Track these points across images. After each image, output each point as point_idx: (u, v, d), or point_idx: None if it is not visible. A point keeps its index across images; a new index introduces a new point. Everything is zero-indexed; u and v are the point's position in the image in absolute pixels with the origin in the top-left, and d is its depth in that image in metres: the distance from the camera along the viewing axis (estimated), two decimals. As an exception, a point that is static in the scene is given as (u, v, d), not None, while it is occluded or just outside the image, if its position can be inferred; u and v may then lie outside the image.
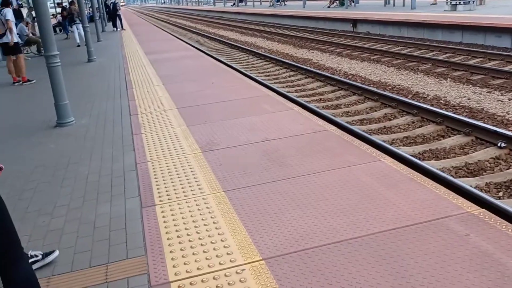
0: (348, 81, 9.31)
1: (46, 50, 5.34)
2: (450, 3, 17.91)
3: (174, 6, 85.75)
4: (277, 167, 3.59)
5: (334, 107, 8.10)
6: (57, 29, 22.08)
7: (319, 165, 3.56)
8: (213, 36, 22.72)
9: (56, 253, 2.57)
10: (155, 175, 3.67)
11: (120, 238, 2.76)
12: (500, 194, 4.41)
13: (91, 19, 20.63)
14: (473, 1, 17.74)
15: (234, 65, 12.58)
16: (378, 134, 6.40)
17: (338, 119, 6.78)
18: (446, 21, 14.41)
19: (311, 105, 7.73)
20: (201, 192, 3.27)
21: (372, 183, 3.15)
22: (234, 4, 51.16)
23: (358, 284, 2.12)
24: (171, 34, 21.47)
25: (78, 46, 15.58)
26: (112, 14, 23.29)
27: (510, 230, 2.42)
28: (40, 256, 2.50)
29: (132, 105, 6.24)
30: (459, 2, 17.53)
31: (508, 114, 6.74)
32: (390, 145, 5.67)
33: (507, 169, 4.91)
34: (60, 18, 21.12)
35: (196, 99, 6.31)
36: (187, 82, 7.80)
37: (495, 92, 8.01)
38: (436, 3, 21.89)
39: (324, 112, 7.31)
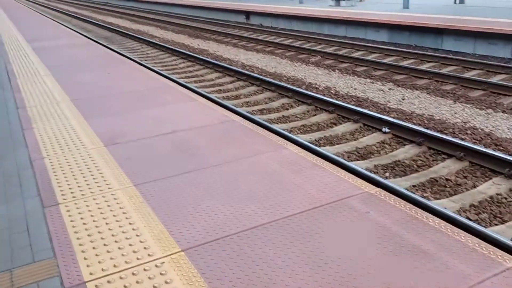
0: (246, 72, 9.55)
1: None
2: (335, -1, 19.18)
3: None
4: (188, 158, 3.58)
5: (234, 97, 8.25)
6: None
7: (229, 154, 3.63)
8: (101, 24, 21.49)
9: None
10: (54, 172, 3.42)
11: (23, 241, 2.54)
12: (387, 174, 4.92)
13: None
14: (355, -2, 19.22)
15: (128, 55, 12.09)
16: (277, 123, 6.69)
17: (241, 110, 6.93)
18: (332, 16, 15.43)
19: (212, 96, 7.78)
20: (109, 188, 3.13)
21: (280, 169, 3.31)
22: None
23: (276, 265, 2.24)
24: (54, 20, 19.82)
25: None
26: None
27: (402, 206, 2.74)
28: None
29: (18, 97, 5.69)
30: (343, -1, 18.86)
31: (389, 102, 7.49)
32: (289, 133, 5.98)
33: (391, 152, 5.49)
34: None
35: (92, 90, 5.96)
36: (79, 72, 7.32)
37: (377, 82, 8.84)
38: (321, -1, 23.26)
39: (226, 102, 7.42)
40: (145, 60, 11.99)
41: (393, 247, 2.34)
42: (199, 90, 8.19)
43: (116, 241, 2.50)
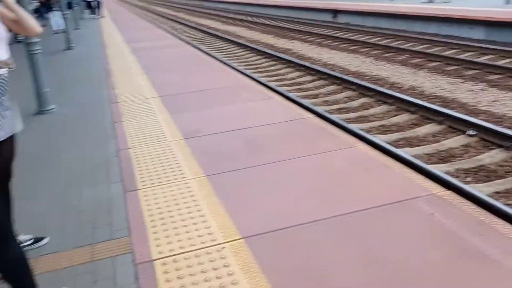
0: (327, 71, 9.48)
1: (26, 37, 5.32)
2: (428, -5, 18.22)
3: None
4: (257, 153, 3.72)
5: (313, 96, 8.26)
6: (35, 15, 21.62)
7: (297, 151, 3.70)
8: (194, 25, 22.60)
9: (46, 240, 2.65)
10: (137, 161, 3.76)
11: (105, 221, 2.86)
12: (469, 179, 4.64)
13: (69, 6, 20.26)
14: (450, -7, 18.10)
15: (215, 55, 12.62)
16: (355, 123, 6.59)
17: (316, 108, 6.94)
18: (423, 13, 14.70)
19: (291, 94, 7.87)
20: (183, 177, 3.38)
21: (346, 167, 3.32)
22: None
23: (331, 259, 2.28)
24: (152, 23, 21.28)
25: (56, 33, 15.34)
26: (91, 1, 22.91)
27: (470, 209, 2.62)
28: (30, 242, 2.59)
29: (113, 93, 6.27)
30: (437, -6, 17.86)
31: (479, 103, 7.01)
32: (367, 133, 5.87)
33: (475, 156, 5.16)
34: (38, 4, 20.65)
35: (178, 88, 6.37)
36: (168, 71, 7.84)
37: (468, 82, 8.30)
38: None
39: (304, 101, 7.47)
40: (231, 59, 12.42)
41: (455, 251, 2.26)
42: (277, 88, 8.33)
43: (184, 226, 2.71)
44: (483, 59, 10.07)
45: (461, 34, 13.38)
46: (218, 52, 13.93)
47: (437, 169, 4.58)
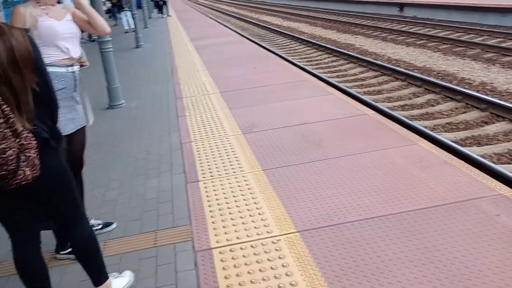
0: (391, 66, 9.21)
1: (98, 36, 5.69)
2: (504, -16, 17.03)
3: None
4: (314, 149, 3.73)
5: (376, 92, 8.07)
6: (107, 16, 22.90)
7: (355, 147, 3.67)
8: (256, 22, 22.81)
9: (114, 225, 2.85)
10: (198, 154, 3.91)
11: (167, 209, 3.01)
12: (543, 181, 4.33)
13: (139, 6, 21.24)
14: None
15: (276, 51, 12.68)
16: (419, 120, 6.37)
17: (377, 104, 6.79)
18: (499, 4, 13.79)
19: (352, 91, 7.74)
20: (241, 170, 3.47)
21: (406, 165, 3.24)
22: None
23: (386, 256, 2.25)
24: (215, 20, 21.76)
25: (126, 32, 16.16)
26: (159, 1, 23.84)
27: (542, 212, 2.47)
28: (100, 226, 2.80)
29: (177, 89, 6.53)
30: (514, -16, 16.64)
31: (559, 101, 6.49)
32: (432, 131, 5.66)
33: (552, 157, 4.80)
34: (110, 5, 21.85)
35: (238, 84, 6.51)
36: (230, 67, 8.02)
37: (546, 78, 7.71)
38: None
39: (365, 97, 7.32)
40: (292, 56, 12.42)
41: (520, 254, 2.15)
42: (338, 84, 8.22)
43: (241, 217, 2.79)
44: None
45: (541, 25, 12.41)
46: (279, 49, 13.97)
47: (507, 169, 4.33)
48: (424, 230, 2.44)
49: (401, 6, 19.45)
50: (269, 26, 19.77)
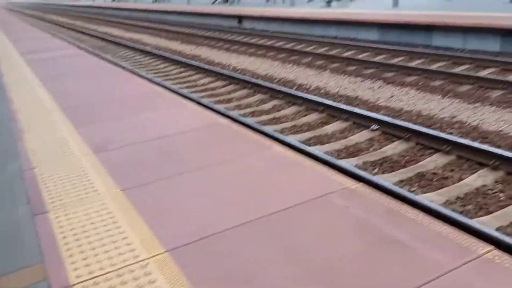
0: (238, 75, 9.63)
1: None
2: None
3: (47, 2, 79.18)
4: (173, 162, 3.65)
5: (226, 101, 8.33)
6: None
7: (215, 157, 3.70)
8: (95, 33, 21.62)
9: None
10: (44, 181, 3.49)
11: (14, 247, 2.61)
12: (375, 171, 4.99)
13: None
14: (345, -2, 19.34)
15: (121, 63, 12.18)
16: (269, 125, 6.76)
17: (230, 112, 7.01)
18: (322, 17, 15.53)
19: (204, 100, 7.85)
20: (96, 194, 3.20)
21: (265, 169, 3.38)
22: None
23: (256, 260, 2.31)
24: (48, 32, 19.92)
25: None
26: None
27: (382, 199, 2.81)
28: None
29: (10, 109, 5.76)
30: (333, -1, 18.98)
31: (379, 100, 7.57)
32: (280, 134, 6.05)
33: (379, 149, 5.56)
34: None
35: (83, 99, 6.04)
36: (70, 82, 7.39)
37: (367, 81, 8.93)
38: (312, 0, 23.38)
39: (217, 106, 7.49)
40: (138, 68, 12.07)
41: (370, 240, 2.41)
42: (190, 95, 8.27)
43: (103, 245, 2.57)
44: (378, 58, 10.91)
45: (358, 36, 14.35)
46: (123, 61, 13.46)
47: (347, 163, 4.86)
48: (288, 229, 2.57)
49: (240, 18, 20.51)
50: (110, 38, 18.91)
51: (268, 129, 6.15)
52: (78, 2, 60.37)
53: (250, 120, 6.65)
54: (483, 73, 8.69)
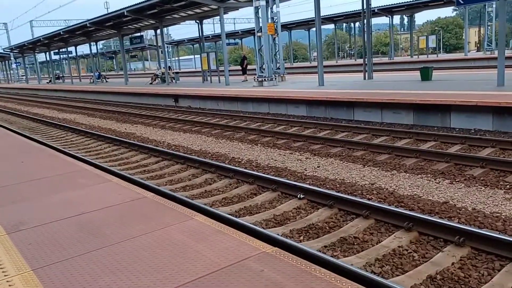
0: (171, 151, 9.71)
1: None
2: (257, 80, 20.45)
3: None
4: (92, 238, 3.57)
5: (158, 177, 8.31)
6: None
7: (135, 230, 3.67)
8: (26, 115, 21.13)
9: None
10: None
11: None
12: (301, 238, 5.12)
13: None
14: (275, 78, 20.61)
15: (49, 143, 11.90)
16: (200, 198, 6.80)
17: (155, 186, 7.00)
18: (255, 95, 16.37)
19: (135, 177, 7.80)
20: (5, 275, 3.04)
21: (184, 239, 3.41)
22: (50, 81, 48.86)
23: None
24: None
25: None
26: None
27: (295, 261, 2.92)
28: None
29: None
30: (265, 79, 20.17)
31: (306, 170, 7.92)
32: (211, 206, 6.10)
33: (306, 216, 5.75)
34: None
35: (3, 180, 5.81)
36: (-9, 163, 7.10)
37: (296, 153, 9.35)
38: (246, 80, 24.65)
39: (144, 181, 7.46)
40: (68, 147, 11.83)
41: (281, 300, 2.47)
42: (117, 170, 8.20)
43: (4, 328, 2.42)
44: (306, 132, 11.54)
45: (288, 112, 15.18)
46: (54, 141, 13.18)
47: (273, 232, 4.97)
48: (203, 297, 2.58)
49: (176, 97, 21.05)
50: (41, 119, 18.54)
51: (191, 200, 6.19)
52: (11, 85, 59.16)
53: (178, 194, 6.67)
54: (399, 143, 9.44)
